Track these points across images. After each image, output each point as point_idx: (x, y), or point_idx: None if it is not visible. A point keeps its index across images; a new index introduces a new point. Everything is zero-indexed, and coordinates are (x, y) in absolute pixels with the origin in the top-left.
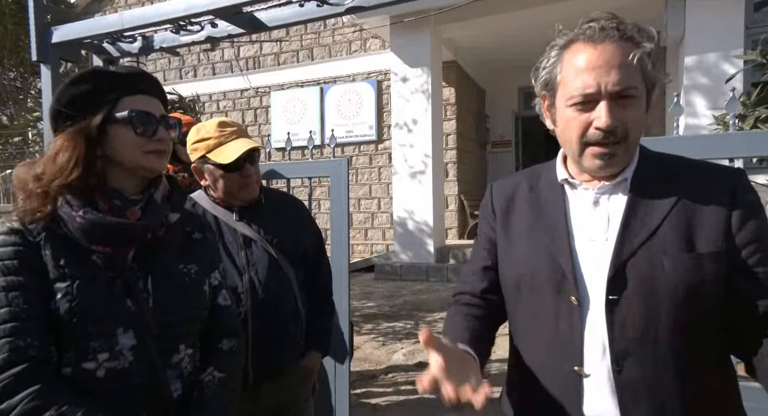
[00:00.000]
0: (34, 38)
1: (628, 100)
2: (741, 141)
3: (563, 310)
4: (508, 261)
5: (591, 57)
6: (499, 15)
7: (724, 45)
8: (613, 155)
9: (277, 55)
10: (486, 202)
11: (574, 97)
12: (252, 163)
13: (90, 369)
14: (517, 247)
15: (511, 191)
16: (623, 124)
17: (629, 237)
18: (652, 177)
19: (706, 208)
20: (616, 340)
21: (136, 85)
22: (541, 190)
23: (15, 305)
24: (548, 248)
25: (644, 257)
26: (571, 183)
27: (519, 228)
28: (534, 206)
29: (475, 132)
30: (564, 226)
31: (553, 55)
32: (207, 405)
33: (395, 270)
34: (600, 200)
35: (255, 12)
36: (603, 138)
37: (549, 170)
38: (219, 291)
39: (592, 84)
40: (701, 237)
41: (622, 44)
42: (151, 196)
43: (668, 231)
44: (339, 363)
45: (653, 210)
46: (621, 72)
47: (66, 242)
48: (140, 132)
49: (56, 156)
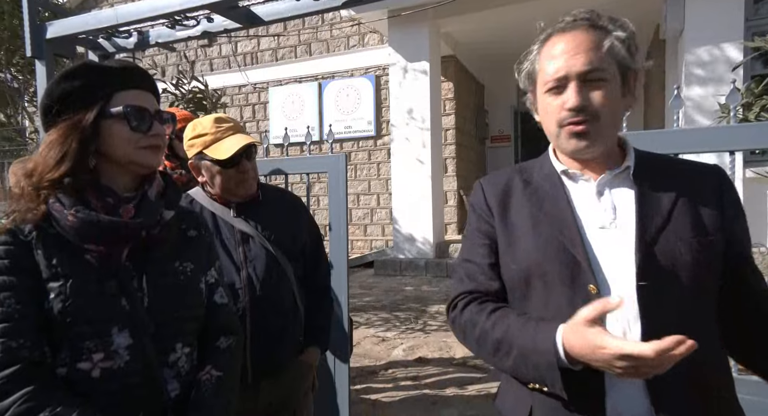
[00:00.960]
0: (29, 34)
1: (598, 82)
2: (741, 133)
3: (579, 300)
4: (513, 256)
5: (561, 44)
6: (497, 9)
7: (724, 37)
8: (585, 133)
9: (274, 50)
10: (477, 199)
11: (548, 83)
12: (249, 158)
13: (85, 369)
14: (523, 241)
15: (503, 186)
16: (592, 103)
17: (647, 225)
18: (650, 169)
19: (702, 198)
20: (648, 326)
21: (130, 79)
22: (537, 184)
23: (7, 305)
24: (557, 239)
25: (664, 243)
26: (570, 174)
27: (521, 223)
28: (533, 200)
29: (474, 127)
30: (571, 216)
31: (533, 49)
32: (205, 404)
33: (394, 265)
34: (604, 190)
35: (251, 6)
36: (572, 116)
37: (542, 165)
38: (215, 289)
39: (562, 67)
40: (708, 225)
41: (591, 32)
42: (145, 193)
43: (679, 219)
44: (338, 359)
45: (661, 198)
46: (588, 55)
47: (58, 241)
48: (135, 127)
49: (47, 151)
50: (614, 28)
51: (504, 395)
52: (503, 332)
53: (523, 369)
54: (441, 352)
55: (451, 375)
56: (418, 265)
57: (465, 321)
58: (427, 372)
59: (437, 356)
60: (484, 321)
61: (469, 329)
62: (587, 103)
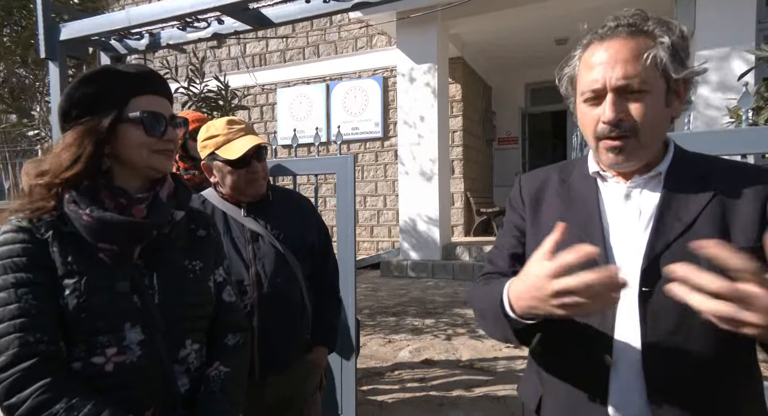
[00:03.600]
0: (42, 35)
1: (637, 94)
2: (754, 136)
3: None
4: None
5: (600, 53)
6: (506, 10)
7: (735, 40)
8: (623, 149)
9: (283, 52)
10: (514, 192)
11: (585, 93)
12: (259, 160)
13: (99, 363)
14: (548, 238)
15: (540, 182)
16: (630, 117)
17: (664, 231)
18: (686, 173)
19: (741, 205)
20: (648, 332)
21: (147, 84)
22: (572, 183)
23: (24, 301)
24: (581, 239)
25: (679, 250)
26: (603, 176)
27: (549, 220)
28: (565, 198)
29: (481, 129)
30: (597, 218)
31: (575, 55)
32: (213, 399)
33: (401, 267)
34: (632, 193)
35: (261, 8)
36: (609, 131)
37: (582, 163)
38: (224, 287)
39: (599, 79)
40: (737, 234)
41: (632, 39)
42: (157, 194)
43: (704, 227)
44: (345, 359)
45: (688, 204)
46: (626, 66)
47: (73, 240)
48: (151, 132)
49: (61, 153)
50: (661, 33)
51: (524, 383)
52: (482, 298)
53: (493, 329)
54: (447, 354)
55: (458, 377)
56: (424, 267)
57: (469, 297)
58: (433, 373)
59: (444, 358)
60: (478, 293)
61: (472, 305)
62: (625, 115)
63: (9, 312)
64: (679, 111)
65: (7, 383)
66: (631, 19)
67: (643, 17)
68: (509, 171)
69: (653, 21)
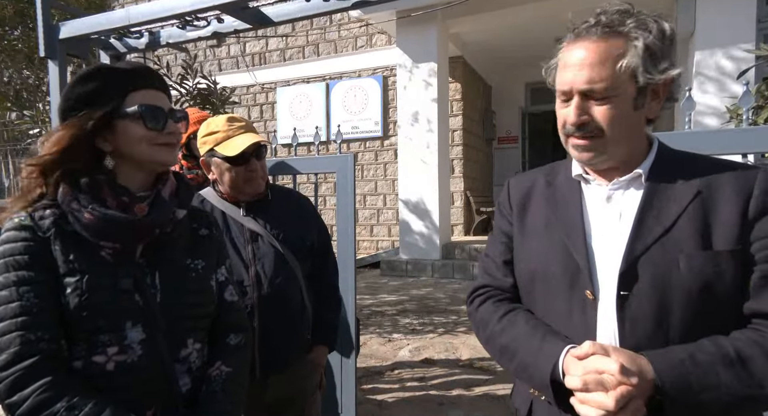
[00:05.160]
0: (42, 34)
1: (601, 99)
2: (754, 136)
3: (576, 305)
4: (523, 255)
5: (571, 53)
6: (506, 10)
7: (735, 39)
8: (588, 147)
9: (282, 51)
10: (502, 197)
11: (558, 92)
12: (258, 158)
13: (100, 362)
14: (533, 242)
15: (527, 186)
16: (595, 120)
17: (643, 233)
18: (669, 173)
19: (723, 205)
20: (626, 336)
21: (142, 79)
22: (557, 186)
23: (26, 299)
24: (564, 243)
25: (658, 253)
26: (586, 178)
27: (535, 224)
28: (551, 201)
29: (481, 128)
30: (580, 222)
31: (559, 47)
32: (215, 398)
33: (401, 266)
34: (613, 195)
35: (261, 7)
36: (574, 131)
37: (567, 166)
38: (225, 286)
39: (567, 81)
40: (719, 235)
41: (603, 42)
42: (159, 192)
43: (684, 228)
44: (345, 358)
45: (669, 206)
46: (592, 71)
47: (75, 238)
48: (151, 126)
49: (49, 138)
50: (636, 35)
51: (516, 392)
52: (510, 339)
53: (523, 375)
54: (447, 353)
55: (458, 377)
56: (424, 266)
57: (479, 319)
58: (433, 373)
59: (443, 357)
60: (494, 324)
61: (481, 328)
62: (589, 118)
63: (10, 311)
64: (656, 111)
65: (9, 381)
66: (610, 18)
67: (625, 13)
68: (509, 170)
69: (633, 20)
